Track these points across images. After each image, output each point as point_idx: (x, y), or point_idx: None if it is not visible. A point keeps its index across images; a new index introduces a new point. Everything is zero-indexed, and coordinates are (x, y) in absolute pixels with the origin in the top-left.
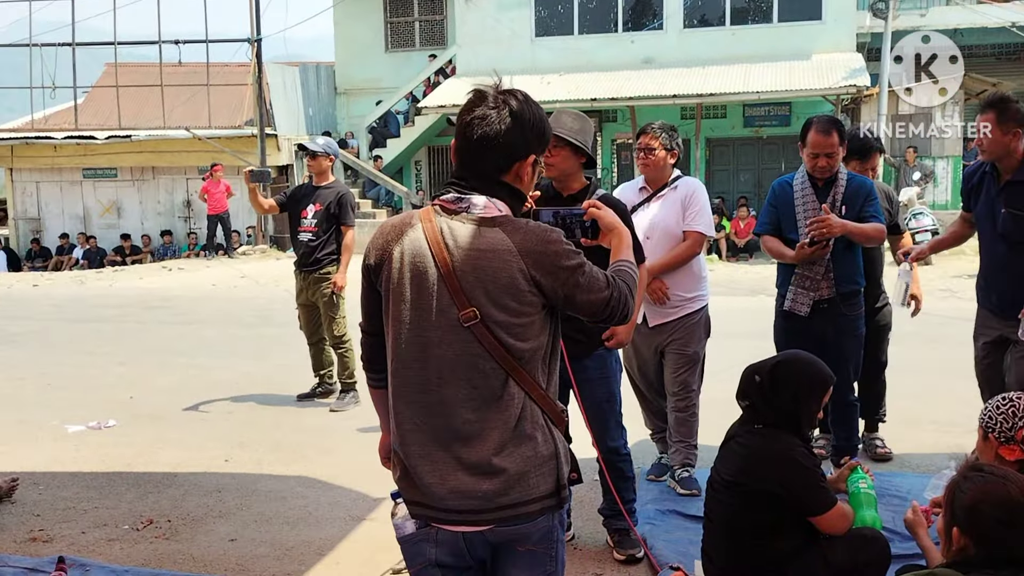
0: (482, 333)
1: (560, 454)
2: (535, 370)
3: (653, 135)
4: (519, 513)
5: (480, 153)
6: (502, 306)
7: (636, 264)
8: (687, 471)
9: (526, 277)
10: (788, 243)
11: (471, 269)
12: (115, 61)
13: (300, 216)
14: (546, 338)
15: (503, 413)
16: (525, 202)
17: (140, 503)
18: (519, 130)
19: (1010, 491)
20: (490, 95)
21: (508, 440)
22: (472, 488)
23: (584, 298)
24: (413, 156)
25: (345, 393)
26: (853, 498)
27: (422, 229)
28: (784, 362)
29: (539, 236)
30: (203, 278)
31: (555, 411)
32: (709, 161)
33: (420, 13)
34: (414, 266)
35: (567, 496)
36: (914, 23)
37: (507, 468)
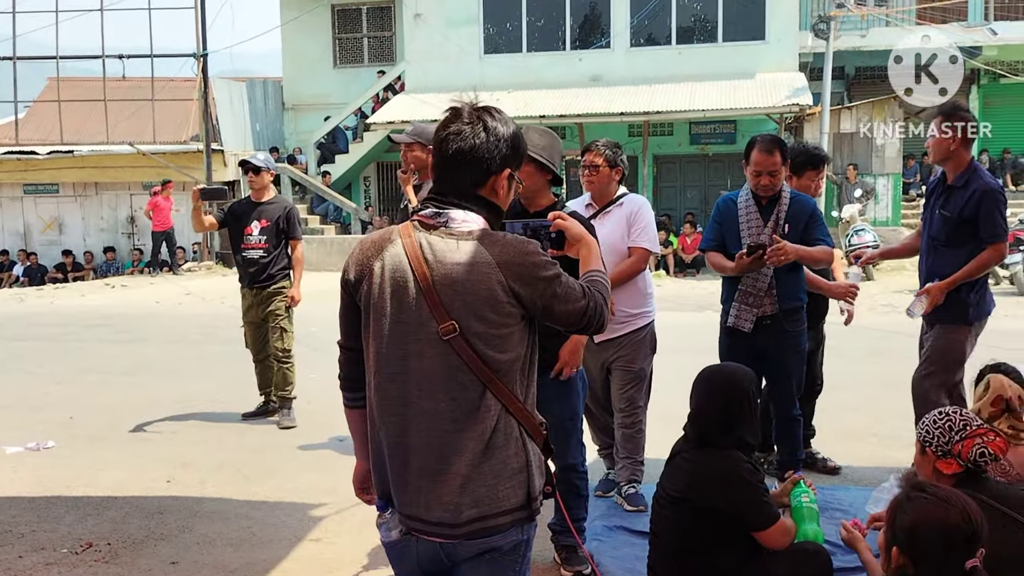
0: (461, 346)
1: (532, 466)
2: (513, 382)
3: (597, 152)
4: (488, 526)
5: (455, 168)
6: (481, 318)
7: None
8: (634, 487)
9: (504, 289)
10: (732, 259)
11: (450, 283)
12: (57, 75)
13: (244, 233)
14: (525, 349)
15: (479, 425)
16: (502, 215)
17: (79, 526)
18: (493, 145)
19: (950, 516)
20: (465, 111)
21: (481, 452)
22: (445, 501)
23: (562, 308)
24: (362, 172)
25: (286, 409)
26: (796, 512)
27: (402, 244)
28: (729, 390)
29: (517, 248)
30: (147, 295)
31: (532, 424)
32: (656, 178)
33: (369, 29)
34: (394, 281)
35: (538, 508)
36: (855, 43)
37: (479, 481)
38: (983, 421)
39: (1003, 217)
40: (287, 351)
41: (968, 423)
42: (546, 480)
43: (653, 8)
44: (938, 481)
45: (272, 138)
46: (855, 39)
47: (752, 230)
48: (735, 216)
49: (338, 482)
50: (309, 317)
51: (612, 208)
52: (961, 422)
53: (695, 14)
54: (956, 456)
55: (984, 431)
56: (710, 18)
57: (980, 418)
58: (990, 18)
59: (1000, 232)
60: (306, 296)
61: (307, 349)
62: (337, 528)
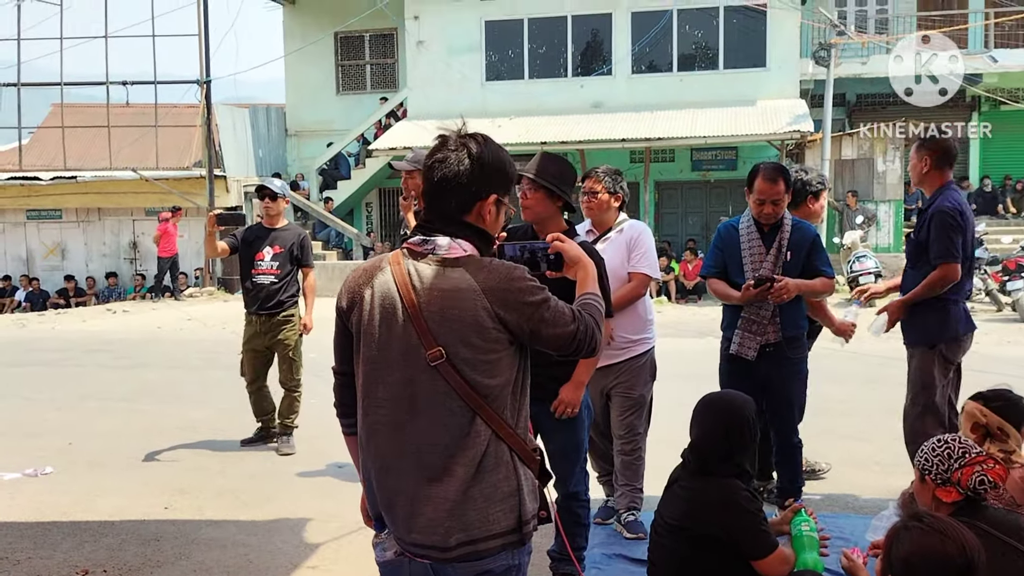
0: (448, 372)
1: (523, 490)
2: (503, 407)
3: (597, 179)
4: (479, 550)
5: (441, 194)
6: (468, 344)
7: (608, 314)
8: (633, 514)
9: (490, 315)
10: (734, 286)
11: (437, 309)
12: (61, 101)
13: (255, 259)
14: (515, 373)
15: (469, 451)
16: (492, 241)
17: (76, 553)
18: (478, 171)
19: (946, 548)
20: (451, 139)
21: (472, 477)
22: (436, 525)
23: (550, 332)
24: (364, 198)
25: (286, 436)
26: (796, 541)
27: (391, 272)
28: (729, 419)
29: (502, 274)
30: (148, 321)
31: (524, 449)
32: (658, 204)
33: (371, 56)
34: (383, 308)
35: (530, 532)
36: (855, 71)
37: (468, 505)
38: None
39: (952, 238)
40: (298, 380)
41: (967, 450)
42: (540, 505)
43: (654, 36)
44: (937, 509)
45: (275, 164)
46: (856, 66)
47: (754, 257)
48: (737, 243)
49: (336, 509)
50: (309, 344)
51: (612, 234)
52: (960, 450)
53: (696, 41)
54: (956, 484)
55: (983, 459)
56: (711, 45)
57: None
58: (990, 46)
59: (946, 253)
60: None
61: (307, 375)
62: (334, 555)
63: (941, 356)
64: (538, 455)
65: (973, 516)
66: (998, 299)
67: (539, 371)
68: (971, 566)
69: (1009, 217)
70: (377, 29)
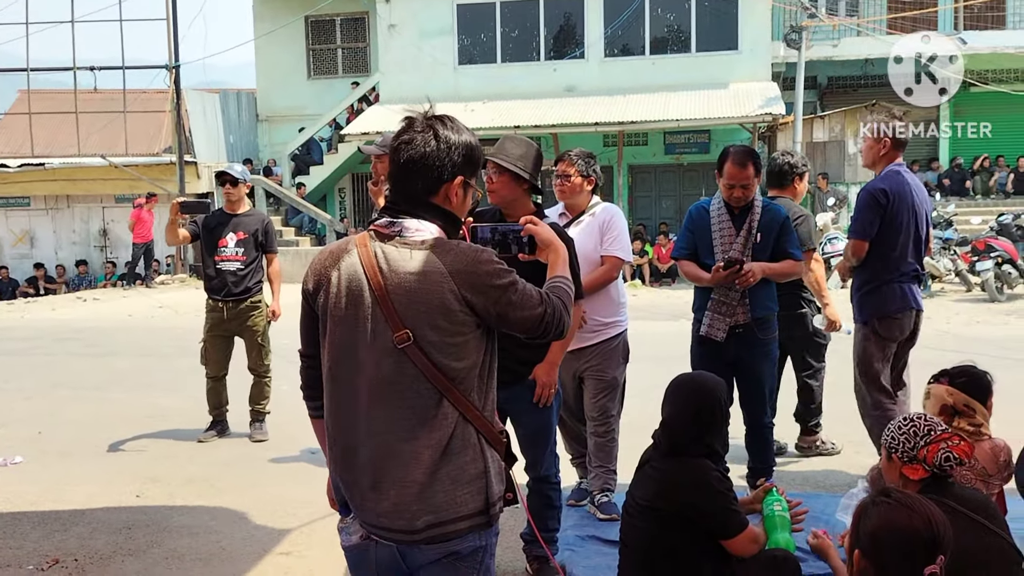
0: (415, 354)
1: (490, 472)
2: (470, 389)
3: (570, 162)
4: (447, 531)
5: (408, 176)
6: (435, 327)
7: (579, 296)
8: (606, 496)
9: (457, 297)
10: (705, 267)
11: (403, 292)
12: (28, 87)
13: (218, 245)
14: (482, 356)
15: (436, 432)
16: (459, 224)
17: (46, 542)
18: (445, 152)
19: (913, 521)
20: (418, 120)
21: (439, 459)
22: (402, 508)
23: (517, 315)
24: (337, 183)
25: (258, 423)
26: (768, 520)
27: (358, 254)
28: (699, 399)
29: (469, 257)
30: (119, 308)
31: (491, 431)
32: (631, 187)
33: (343, 40)
34: (350, 290)
35: (496, 514)
36: (827, 53)
37: (436, 487)
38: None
39: (865, 217)
40: (268, 366)
41: (932, 428)
42: (507, 487)
43: (627, 19)
44: (905, 487)
45: (246, 150)
46: (827, 49)
47: (725, 239)
48: (708, 225)
49: (309, 495)
50: (281, 329)
51: (585, 217)
52: (925, 427)
53: (668, 25)
54: (922, 461)
55: (948, 435)
56: (683, 29)
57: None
58: (960, 28)
59: (856, 229)
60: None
61: (280, 360)
62: (307, 541)
63: (875, 332)
64: (504, 437)
65: (940, 493)
66: (967, 279)
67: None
68: (937, 540)
69: (978, 198)
70: (348, 13)
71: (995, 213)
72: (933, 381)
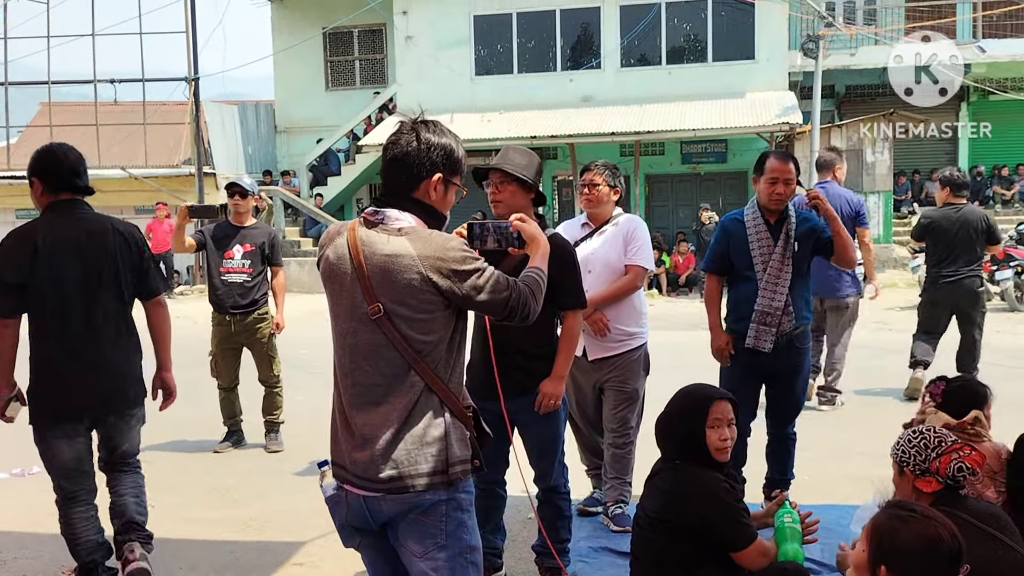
0: (386, 326)
1: (450, 437)
2: (436, 362)
3: (597, 171)
4: (405, 485)
5: (393, 172)
6: (403, 303)
7: (581, 306)
8: (620, 507)
9: (423, 279)
10: (741, 279)
11: (379, 271)
12: (49, 100)
13: (224, 256)
14: (449, 333)
15: (403, 397)
16: (440, 217)
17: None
18: (424, 152)
19: (941, 534)
20: (406, 124)
21: (403, 421)
22: (368, 459)
23: (482, 298)
24: (354, 194)
25: (273, 433)
26: (778, 532)
27: (346, 237)
28: (688, 401)
29: (438, 244)
30: (137, 318)
31: (454, 402)
32: (648, 197)
33: (360, 52)
34: (338, 267)
35: (457, 475)
36: (844, 62)
37: (398, 445)
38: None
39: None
40: (277, 376)
41: (943, 439)
42: (473, 454)
43: (643, 29)
44: (918, 500)
45: (264, 161)
46: (844, 58)
47: (764, 249)
48: (744, 235)
49: (323, 506)
50: (298, 339)
51: (608, 227)
52: (936, 439)
53: (685, 34)
54: (935, 474)
55: (959, 446)
56: (700, 38)
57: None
58: (979, 36)
59: None
60: (296, 318)
61: (297, 371)
62: (321, 552)
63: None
64: (470, 412)
65: (953, 506)
66: (987, 289)
67: (517, 365)
68: (961, 550)
69: (998, 208)
70: (366, 24)
71: (1015, 223)
72: (930, 384)
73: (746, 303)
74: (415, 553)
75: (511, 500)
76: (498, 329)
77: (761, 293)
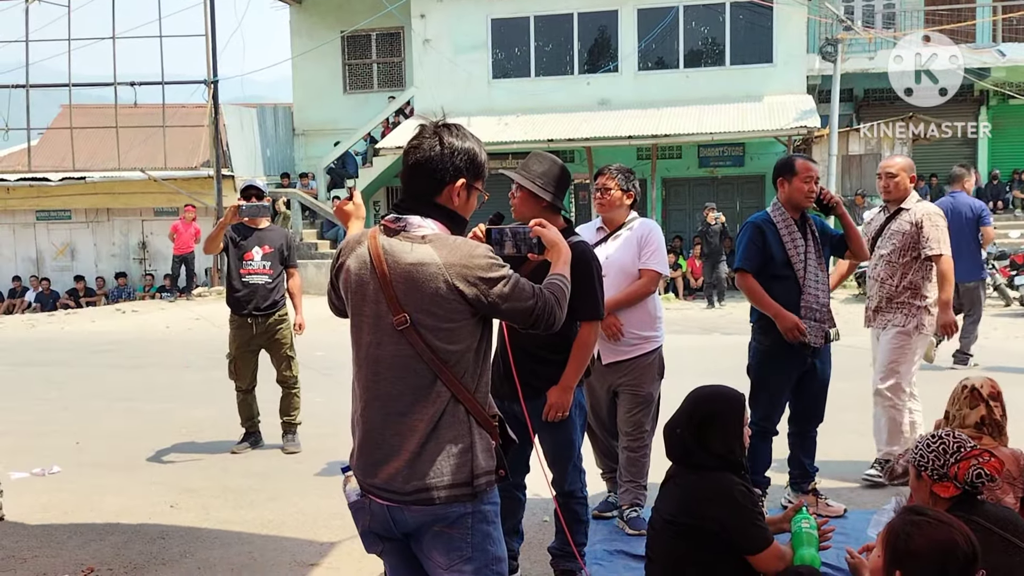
0: (412, 336)
1: (476, 447)
2: (463, 371)
3: (610, 176)
4: (431, 497)
5: (414, 177)
6: (430, 313)
7: (598, 317)
8: (635, 511)
9: (450, 287)
10: (776, 278)
11: (403, 280)
12: (70, 102)
13: (244, 259)
14: (475, 342)
15: (429, 408)
16: (462, 223)
17: (81, 551)
18: (448, 156)
19: (956, 538)
20: (428, 128)
21: (429, 432)
22: (396, 474)
23: (508, 306)
24: (371, 197)
25: (291, 434)
26: (795, 537)
27: (367, 246)
28: (698, 407)
29: (464, 251)
30: (157, 320)
31: (480, 412)
32: (665, 201)
33: (378, 55)
34: (359, 277)
35: (482, 486)
36: (863, 66)
37: (424, 457)
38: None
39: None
40: (295, 378)
41: (962, 445)
42: (498, 464)
43: (661, 32)
44: (935, 505)
45: (282, 164)
46: (863, 61)
47: (798, 246)
48: (777, 234)
49: (341, 507)
50: (315, 342)
51: (623, 231)
52: (955, 444)
53: (703, 38)
54: (952, 479)
55: (979, 452)
56: (718, 42)
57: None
58: (998, 39)
59: None
60: (312, 321)
61: (314, 373)
62: (338, 553)
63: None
64: (496, 421)
65: (970, 511)
66: (1006, 294)
67: (531, 369)
68: (977, 555)
69: (1017, 212)
70: (384, 28)
71: None
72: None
73: (787, 300)
74: (441, 565)
75: (527, 503)
76: (514, 330)
77: (805, 289)
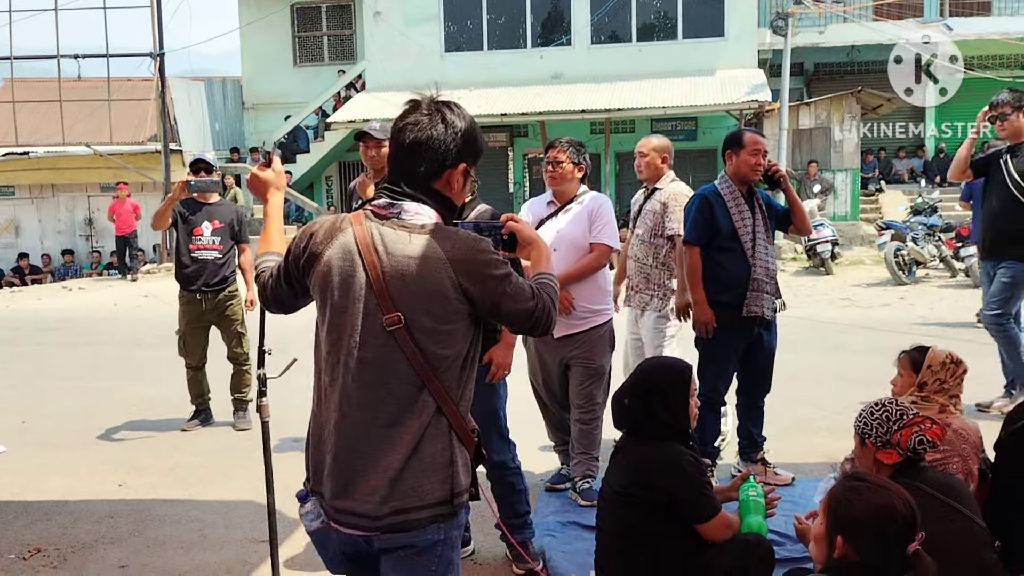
0: (403, 338)
1: (457, 463)
2: (450, 380)
3: (560, 149)
4: (410, 519)
5: (411, 158)
6: (429, 313)
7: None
8: (588, 482)
9: (454, 285)
10: (723, 250)
11: (399, 275)
12: (11, 76)
13: (193, 234)
14: (466, 347)
15: (415, 420)
16: (456, 211)
17: (28, 531)
18: (451, 137)
19: (894, 503)
20: (424, 103)
21: (414, 447)
22: (374, 492)
23: (510, 307)
24: (324, 171)
25: (241, 411)
26: (743, 505)
27: (352, 233)
28: (644, 377)
29: (469, 245)
30: (105, 298)
31: (462, 426)
32: (618, 175)
33: (329, 28)
34: (342, 270)
35: (461, 505)
36: (813, 40)
37: (406, 474)
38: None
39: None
40: (246, 354)
41: (905, 412)
42: (471, 482)
43: (614, 6)
44: (878, 472)
45: (232, 138)
46: (813, 36)
47: (745, 219)
48: (724, 206)
49: (293, 482)
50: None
51: (573, 205)
52: (898, 412)
53: (655, 12)
54: (895, 445)
55: (920, 419)
56: (670, 16)
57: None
58: (945, 14)
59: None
60: None
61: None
62: (289, 529)
63: None
64: (475, 435)
65: (912, 477)
66: (952, 265)
67: None
68: (915, 519)
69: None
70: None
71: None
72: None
73: (735, 273)
74: None
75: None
76: None
77: (755, 262)
